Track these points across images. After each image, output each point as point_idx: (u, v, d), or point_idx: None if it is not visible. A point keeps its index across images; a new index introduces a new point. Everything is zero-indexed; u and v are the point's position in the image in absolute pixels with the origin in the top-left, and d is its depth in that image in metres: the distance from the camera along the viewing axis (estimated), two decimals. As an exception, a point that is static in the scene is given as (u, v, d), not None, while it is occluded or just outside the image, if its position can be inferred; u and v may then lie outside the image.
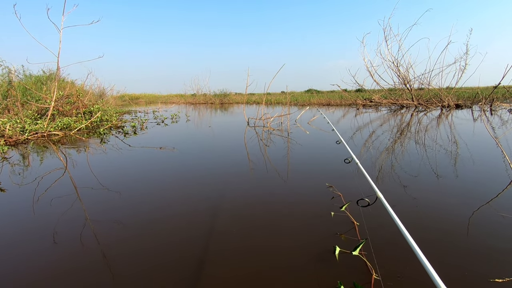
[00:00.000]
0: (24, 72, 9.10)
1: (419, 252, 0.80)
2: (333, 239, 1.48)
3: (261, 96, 19.62)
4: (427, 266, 0.74)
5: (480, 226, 1.60)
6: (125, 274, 1.24)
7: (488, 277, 1.16)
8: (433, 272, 0.71)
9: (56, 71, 6.52)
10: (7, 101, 6.71)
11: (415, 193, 2.11)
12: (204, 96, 22.11)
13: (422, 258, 0.77)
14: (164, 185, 2.46)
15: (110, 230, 1.64)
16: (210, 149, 4.08)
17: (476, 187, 2.26)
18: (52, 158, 3.53)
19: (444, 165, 2.82)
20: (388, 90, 12.80)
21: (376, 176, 2.51)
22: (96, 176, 2.70)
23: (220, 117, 9.90)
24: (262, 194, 2.20)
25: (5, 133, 4.66)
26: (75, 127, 5.82)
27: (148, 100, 25.62)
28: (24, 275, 1.25)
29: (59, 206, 2.00)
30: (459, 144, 3.84)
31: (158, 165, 3.16)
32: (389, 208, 1.09)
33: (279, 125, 6.49)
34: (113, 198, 2.15)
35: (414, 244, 0.84)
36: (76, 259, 1.36)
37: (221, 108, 14.35)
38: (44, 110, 6.46)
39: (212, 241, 1.49)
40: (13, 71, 7.76)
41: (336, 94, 17.21)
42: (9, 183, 2.53)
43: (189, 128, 6.47)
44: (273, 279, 1.19)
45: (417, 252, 0.80)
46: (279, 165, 2.98)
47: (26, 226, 1.73)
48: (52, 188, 2.38)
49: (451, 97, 10.65)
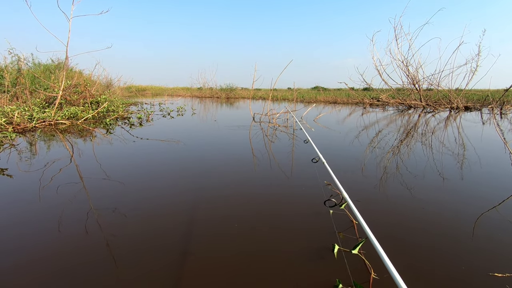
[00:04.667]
0: (33, 61, 9.21)
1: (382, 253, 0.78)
2: (332, 237, 1.48)
3: (267, 92, 19.54)
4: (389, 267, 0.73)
5: (485, 229, 1.58)
6: (126, 267, 1.26)
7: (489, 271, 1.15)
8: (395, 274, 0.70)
9: (65, 60, 6.59)
10: (16, 89, 6.79)
11: (420, 194, 2.09)
12: (211, 90, 22.12)
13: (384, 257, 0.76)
14: (168, 177, 2.47)
15: (113, 219, 1.66)
16: (215, 142, 4.09)
17: (483, 190, 2.23)
18: (59, 147, 3.58)
19: (450, 167, 2.79)
20: (396, 89, 12.63)
21: (380, 177, 2.50)
22: (101, 166, 2.73)
23: (226, 111, 9.90)
24: (262, 191, 2.20)
25: (14, 120, 4.73)
26: (82, 117, 5.87)
27: (155, 92, 25.75)
28: (28, 262, 1.28)
29: (64, 193, 2.03)
30: (467, 147, 3.78)
31: (163, 157, 3.18)
32: (354, 208, 1.08)
33: (285, 122, 6.47)
34: (116, 187, 2.18)
35: (380, 249, 0.81)
36: (79, 246, 1.38)
37: (227, 103, 14.34)
38: (52, 98, 6.54)
39: (211, 234, 1.50)
40: (22, 59, 7.85)
41: (343, 92, 17.06)
42: (16, 170, 2.58)
43: (194, 122, 6.49)
44: (271, 275, 1.19)
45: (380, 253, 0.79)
46: (282, 161, 2.98)
47: (31, 212, 1.76)
48: (58, 176, 2.41)
49: (460, 99, 10.48)
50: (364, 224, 0.92)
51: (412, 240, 1.48)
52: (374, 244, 0.78)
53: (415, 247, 1.41)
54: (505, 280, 1.16)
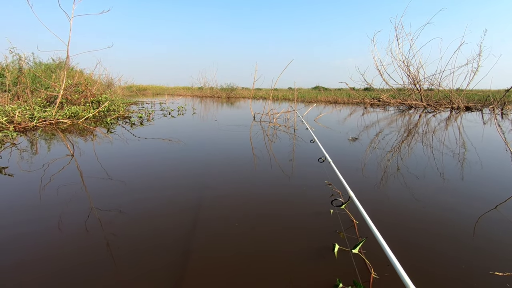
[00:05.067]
0: (34, 60, 9.21)
1: (386, 247, 0.80)
2: (332, 237, 1.48)
3: (268, 92, 19.54)
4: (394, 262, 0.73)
5: (486, 229, 1.58)
6: (125, 264, 1.26)
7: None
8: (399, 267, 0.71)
9: (66, 59, 6.59)
10: (17, 88, 6.81)
11: (420, 194, 2.09)
12: (211, 89, 22.11)
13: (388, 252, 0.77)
14: (168, 176, 2.48)
15: (113, 218, 1.67)
16: (215, 142, 4.09)
17: (484, 191, 2.23)
18: (60, 146, 3.59)
19: (451, 167, 2.79)
20: (397, 89, 12.61)
21: (381, 177, 2.50)
22: (102, 165, 2.73)
23: (227, 111, 9.90)
24: (263, 190, 2.20)
25: (15, 119, 4.74)
26: (82, 116, 5.88)
27: (155, 91, 25.76)
28: (28, 261, 1.28)
29: (64, 193, 2.04)
30: (467, 147, 3.78)
31: (163, 156, 3.18)
32: (360, 207, 1.09)
33: (285, 121, 6.46)
34: (116, 186, 2.18)
35: (385, 245, 0.83)
36: (79, 245, 1.38)
37: (227, 102, 14.34)
38: (53, 98, 6.54)
39: (211, 234, 1.51)
40: (23, 58, 7.87)
41: (344, 92, 17.04)
42: (17, 169, 2.59)
43: (195, 121, 6.49)
44: (271, 275, 1.20)
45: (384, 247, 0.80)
46: (283, 161, 2.98)
47: (32, 211, 1.76)
48: (59, 175, 2.42)
49: (461, 99, 10.46)
50: (370, 222, 0.93)
51: (413, 240, 1.48)
52: (380, 242, 0.78)
53: (415, 247, 1.41)
54: (506, 279, 1.16)
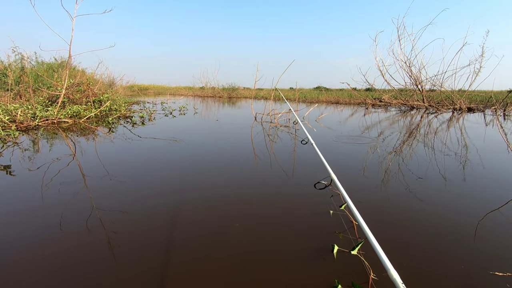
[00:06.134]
0: (36, 59, 9.26)
1: (369, 234, 0.81)
2: (331, 238, 1.48)
3: (269, 92, 19.52)
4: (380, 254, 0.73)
5: (487, 230, 1.57)
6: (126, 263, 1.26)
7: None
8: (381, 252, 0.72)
9: (68, 59, 6.61)
10: (19, 87, 6.84)
11: (422, 195, 2.08)
12: (213, 89, 22.12)
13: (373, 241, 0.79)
14: (169, 176, 2.48)
15: (114, 217, 1.67)
16: (216, 142, 4.09)
17: (486, 192, 2.22)
18: (61, 145, 3.60)
19: (453, 168, 2.78)
20: (398, 90, 12.58)
21: (382, 178, 2.49)
22: (103, 164, 2.74)
23: (228, 111, 9.91)
24: (263, 190, 2.20)
25: (17, 118, 4.76)
26: (84, 115, 5.90)
27: (157, 91, 25.81)
28: (28, 260, 1.29)
29: (66, 191, 2.04)
30: (469, 148, 3.76)
31: (164, 156, 3.19)
32: (342, 190, 1.10)
33: (287, 122, 6.46)
34: (118, 186, 2.19)
35: (366, 228, 0.86)
36: (80, 244, 1.39)
37: (229, 102, 14.35)
38: (55, 97, 6.57)
39: (211, 234, 1.51)
40: (25, 57, 7.90)
41: (345, 93, 17.00)
42: (19, 167, 2.60)
43: (196, 121, 6.50)
44: (270, 275, 1.20)
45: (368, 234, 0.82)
46: (283, 161, 2.98)
47: (33, 209, 1.77)
48: (60, 174, 2.43)
49: (463, 100, 10.41)
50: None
51: (414, 240, 1.48)
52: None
53: (416, 247, 1.41)
54: (506, 279, 1.16)
